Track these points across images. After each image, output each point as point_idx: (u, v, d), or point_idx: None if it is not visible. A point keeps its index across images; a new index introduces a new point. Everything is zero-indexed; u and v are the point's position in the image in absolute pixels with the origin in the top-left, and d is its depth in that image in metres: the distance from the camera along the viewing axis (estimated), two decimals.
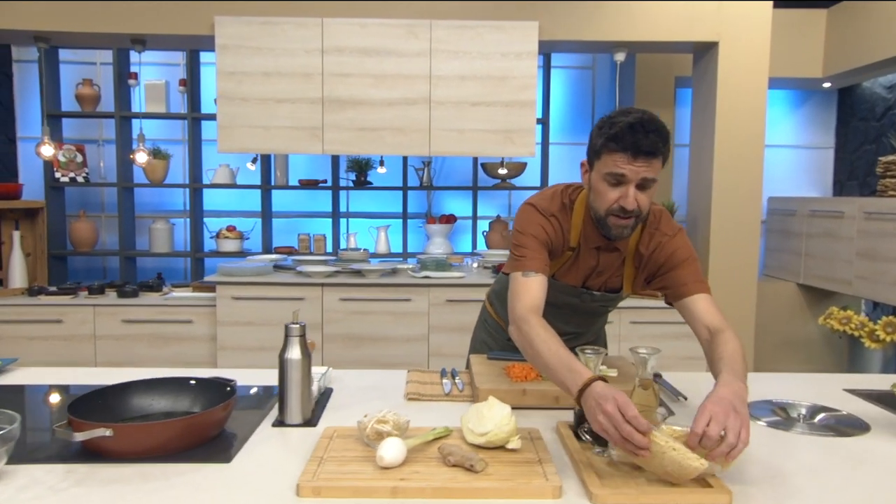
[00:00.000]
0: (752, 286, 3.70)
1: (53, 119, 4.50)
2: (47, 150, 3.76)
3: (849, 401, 1.61)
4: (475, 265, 3.93)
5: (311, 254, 4.42)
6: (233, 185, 4.39)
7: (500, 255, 4.08)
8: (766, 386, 1.73)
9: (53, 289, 3.67)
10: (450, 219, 4.53)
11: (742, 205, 3.66)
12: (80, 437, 1.11)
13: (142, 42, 3.70)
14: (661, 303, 3.58)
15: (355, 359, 3.54)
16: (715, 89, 3.63)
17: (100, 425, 1.13)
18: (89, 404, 1.28)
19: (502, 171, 4.27)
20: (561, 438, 1.31)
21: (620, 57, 3.78)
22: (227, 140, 3.57)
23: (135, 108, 4.50)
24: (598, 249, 1.57)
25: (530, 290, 1.46)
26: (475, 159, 4.50)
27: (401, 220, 4.68)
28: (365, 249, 4.13)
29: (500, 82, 3.56)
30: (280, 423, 1.38)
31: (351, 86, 3.53)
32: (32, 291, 3.64)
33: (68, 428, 1.15)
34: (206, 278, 3.62)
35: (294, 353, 1.37)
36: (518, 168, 4.37)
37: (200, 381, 1.43)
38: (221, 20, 3.47)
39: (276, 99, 3.54)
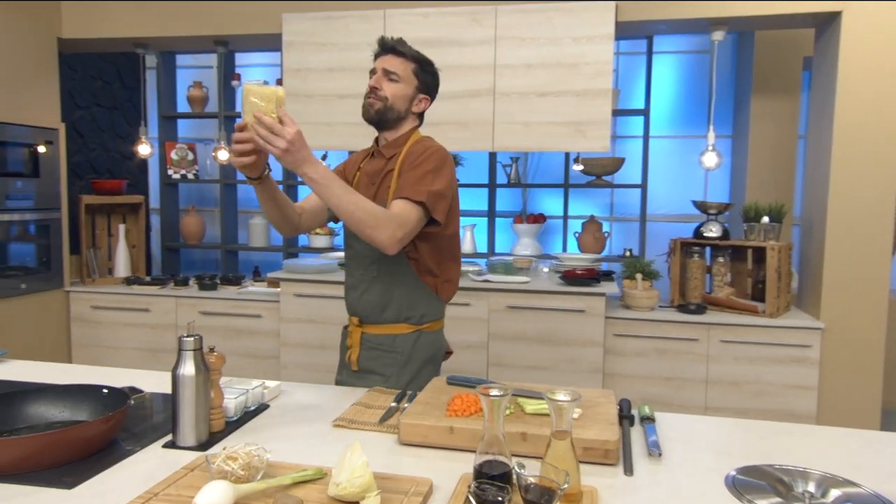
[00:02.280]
0: (881, 306, 3.05)
1: (169, 120, 4.85)
2: (144, 149, 4.03)
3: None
4: (546, 269, 3.63)
5: None
6: None
7: (583, 258, 3.74)
8: (781, 442, 1.33)
9: (147, 279, 3.94)
10: (538, 218, 4.26)
11: (868, 208, 3.03)
12: None
13: (224, 43, 3.84)
14: (760, 319, 3.08)
15: None
16: (836, 69, 3.02)
17: None
18: None
19: (577, 168, 3.92)
20: (453, 496, 1.07)
21: (718, 36, 3.28)
22: None
23: (239, 108, 4.72)
24: (372, 157, 1.85)
25: (306, 198, 1.91)
26: (567, 155, 4.19)
27: (487, 219, 4.49)
28: None
29: (571, 70, 3.24)
30: (172, 444, 1.28)
31: None
32: (129, 281, 3.92)
33: None
34: (270, 274, 3.68)
35: (187, 368, 1.26)
36: (613, 164, 3.98)
37: (112, 392, 1.37)
38: (289, 17, 3.49)
39: (339, 95, 3.50)
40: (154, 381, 1.69)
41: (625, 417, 1.42)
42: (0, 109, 3.42)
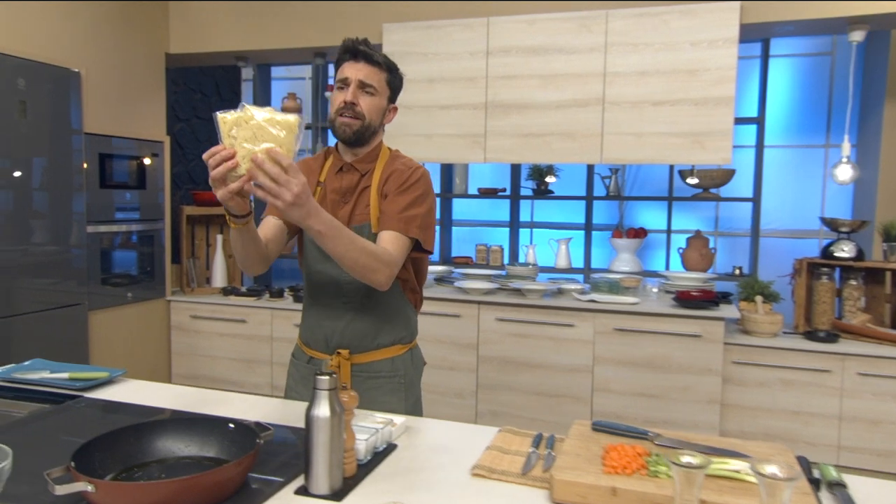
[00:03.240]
0: None
1: None
2: None
3: None
4: (656, 289, 3.41)
5: (485, 265, 4.24)
6: None
7: (693, 278, 3.49)
8: None
9: (243, 290, 3.96)
10: (639, 233, 4.04)
11: None
12: (60, 490, 1.01)
13: (322, 55, 3.83)
14: None
15: (511, 385, 3.27)
16: None
17: (83, 478, 1.02)
18: (114, 443, 1.20)
19: (692, 181, 3.66)
20: None
21: (858, 36, 2.99)
22: None
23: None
24: (340, 171, 1.66)
25: (261, 227, 1.64)
26: (671, 167, 3.96)
27: (584, 233, 4.29)
28: (533, 265, 3.83)
29: (688, 77, 3.02)
30: (304, 491, 1.18)
31: (516, 88, 3.26)
32: (226, 291, 3.96)
33: (67, 474, 1.06)
34: None
35: (322, 409, 1.15)
36: (722, 176, 3.72)
37: (239, 427, 1.29)
38: (389, 27, 3.43)
39: (439, 105, 3.40)
40: (266, 411, 1.61)
41: (809, 481, 1.22)
42: (112, 124, 3.52)
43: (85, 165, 3.33)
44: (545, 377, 3.22)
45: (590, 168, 4.13)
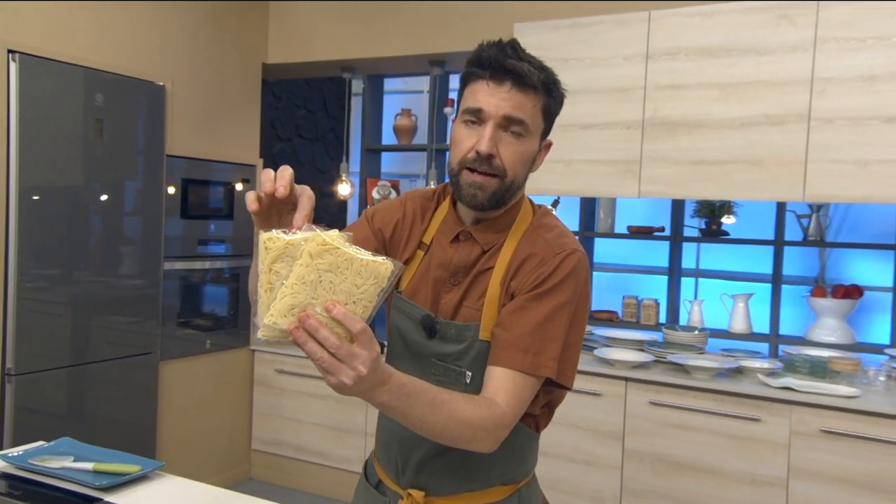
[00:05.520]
0: None
1: (373, 153, 4.77)
2: (344, 189, 3.93)
3: None
4: (883, 376, 2.81)
5: (635, 323, 3.80)
6: None
7: None
8: None
9: None
10: (851, 291, 3.45)
11: None
12: None
13: (440, 63, 3.63)
14: None
15: (668, 492, 2.81)
16: None
17: None
18: None
19: None
20: None
21: None
22: None
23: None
24: (455, 240, 1.31)
25: None
26: None
27: (770, 287, 3.75)
28: (701, 330, 3.34)
29: None
30: None
31: (684, 101, 2.89)
32: None
33: None
34: None
35: None
36: None
37: None
38: (522, 28, 3.16)
39: (581, 124, 3.07)
40: None
41: None
42: (198, 144, 3.48)
43: (170, 191, 3.29)
44: (717, 487, 2.73)
45: (780, 204, 3.60)
